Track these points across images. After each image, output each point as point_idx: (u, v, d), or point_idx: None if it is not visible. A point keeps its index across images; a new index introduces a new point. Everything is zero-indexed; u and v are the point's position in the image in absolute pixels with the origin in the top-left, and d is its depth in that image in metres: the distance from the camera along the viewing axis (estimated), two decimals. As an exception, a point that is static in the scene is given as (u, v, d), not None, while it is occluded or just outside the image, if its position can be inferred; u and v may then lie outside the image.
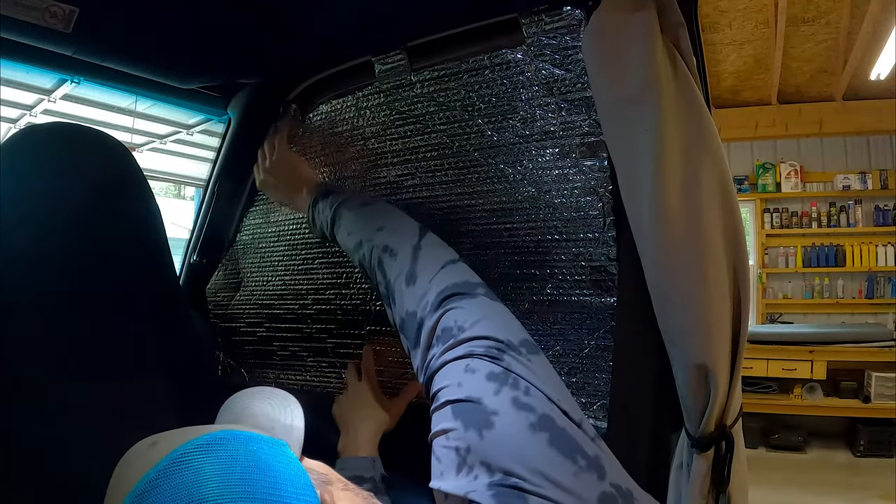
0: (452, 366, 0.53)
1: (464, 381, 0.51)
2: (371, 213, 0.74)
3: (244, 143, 1.10)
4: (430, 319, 0.58)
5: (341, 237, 0.76)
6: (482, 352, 0.52)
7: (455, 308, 0.57)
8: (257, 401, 0.53)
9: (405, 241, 0.66)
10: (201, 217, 1.14)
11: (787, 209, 4.40)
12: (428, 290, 0.60)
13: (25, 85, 2.60)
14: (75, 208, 0.79)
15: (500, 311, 0.58)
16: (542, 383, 0.50)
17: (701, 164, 0.59)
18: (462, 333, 0.54)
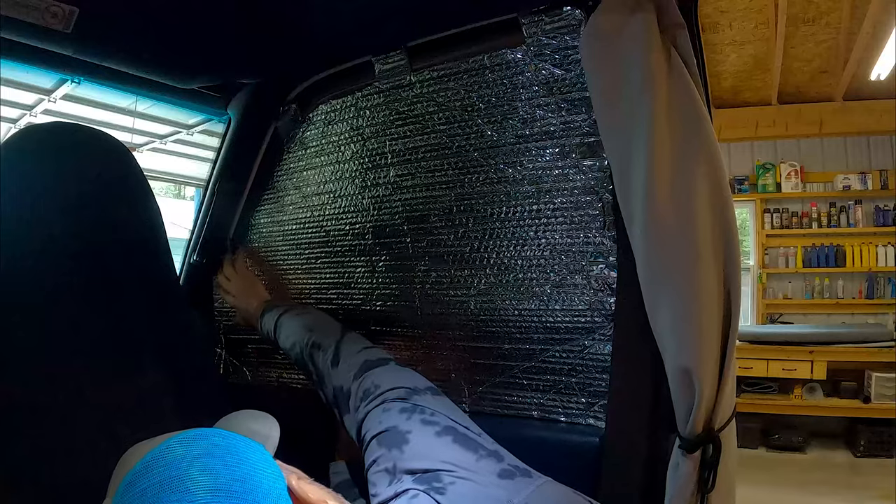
0: (374, 412, 0.66)
1: (383, 418, 0.64)
2: (303, 320, 0.91)
3: (244, 143, 1.10)
4: (354, 386, 0.73)
5: (282, 341, 0.93)
6: (395, 396, 0.66)
7: (371, 374, 0.72)
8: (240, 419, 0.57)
9: (330, 338, 0.84)
10: (201, 217, 1.14)
11: (788, 209, 4.40)
12: (350, 367, 0.76)
13: (25, 85, 2.60)
14: (75, 208, 0.79)
15: (407, 372, 0.74)
16: (446, 410, 0.63)
17: (694, 167, 0.59)
18: (378, 389, 0.69)
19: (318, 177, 1.04)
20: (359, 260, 1.00)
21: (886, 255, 4.13)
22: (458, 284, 0.88)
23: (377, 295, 0.98)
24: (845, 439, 3.68)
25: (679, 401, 0.60)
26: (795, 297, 4.38)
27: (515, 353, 0.83)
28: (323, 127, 1.02)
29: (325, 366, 0.80)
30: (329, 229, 1.03)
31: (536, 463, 0.78)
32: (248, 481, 0.39)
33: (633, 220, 0.63)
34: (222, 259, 1.12)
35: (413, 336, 0.93)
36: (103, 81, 0.97)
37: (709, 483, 0.60)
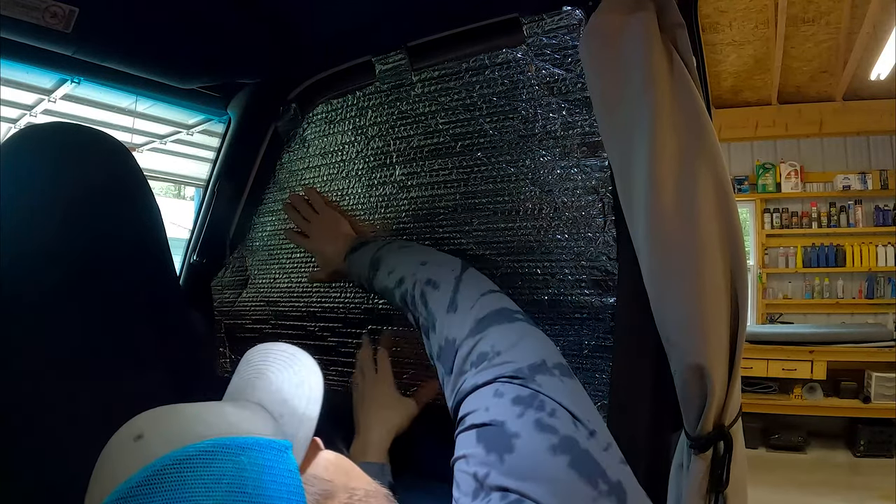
0: (483, 391, 0.52)
1: (490, 405, 0.50)
2: (412, 252, 0.76)
3: (244, 143, 1.10)
4: (468, 345, 0.57)
5: (381, 278, 0.76)
6: (512, 373, 0.51)
7: (492, 333, 0.57)
8: (276, 370, 0.49)
9: (447, 274, 0.66)
10: (201, 217, 1.14)
11: (787, 209, 4.40)
12: (467, 317, 0.60)
13: (25, 85, 2.61)
14: (75, 208, 0.79)
15: (537, 336, 0.58)
16: (571, 404, 0.49)
17: (697, 166, 0.59)
18: (497, 357, 0.54)
19: (319, 176, 1.04)
20: (360, 259, 0.99)
21: (886, 255, 4.14)
22: None
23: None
24: (845, 439, 3.69)
25: (689, 399, 0.60)
26: (795, 297, 4.39)
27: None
28: (324, 126, 1.02)
29: (438, 309, 0.64)
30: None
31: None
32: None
33: (635, 220, 0.62)
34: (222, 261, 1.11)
35: (415, 335, 0.93)
36: (103, 81, 0.97)
37: (723, 480, 0.60)
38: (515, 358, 0.53)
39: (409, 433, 0.84)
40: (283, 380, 0.48)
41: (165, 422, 0.40)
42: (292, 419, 0.44)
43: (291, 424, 0.44)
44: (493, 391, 0.51)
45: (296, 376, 0.48)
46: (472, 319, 0.59)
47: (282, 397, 0.46)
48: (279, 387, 0.47)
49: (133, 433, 0.39)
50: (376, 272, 0.77)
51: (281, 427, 0.43)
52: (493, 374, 0.52)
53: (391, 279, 0.73)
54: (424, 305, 0.66)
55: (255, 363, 0.52)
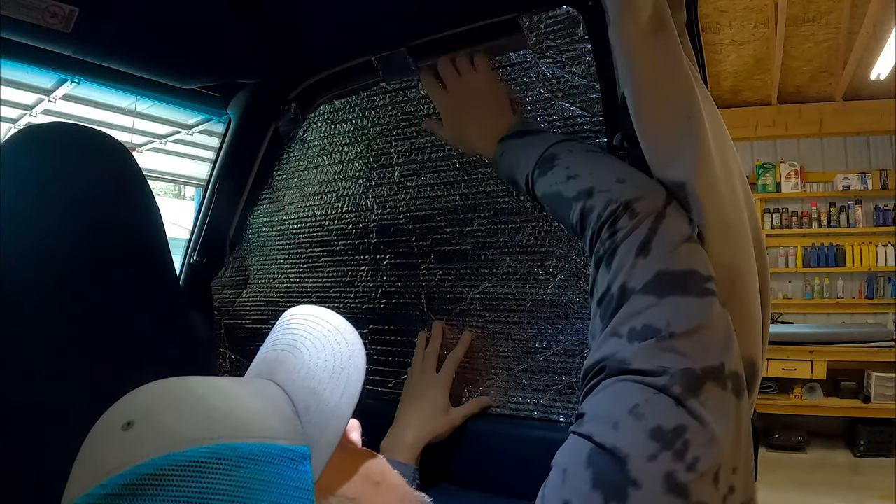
0: (625, 388, 0.41)
1: (622, 423, 0.39)
2: (606, 161, 0.59)
3: (244, 143, 1.10)
4: (637, 304, 0.45)
5: (552, 181, 0.59)
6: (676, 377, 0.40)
7: (672, 303, 0.44)
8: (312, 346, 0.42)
9: (650, 204, 0.50)
10: (201, 217, 1.14)
11: (787, 209, 4.40)
12: (651, 268, 0.47)
13: (25, 85, 2.61)
14: (75, 208, 0.79)
15: (723, 323, 0.45)
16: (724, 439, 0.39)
17: (728, 160, 0.57)
18: (665, 341, 0.42)
19: (320, 176, 1.04)
20: (362, 259, 1.00)
21: (886, 255, 4.14)
22: (462, 283, 0.88)
23: (381, 293, 0.98)
24: (845, 439, 3.69)
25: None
26: (795, 297, 4.39)
27: (516, 352, 0.83)
28: (325, 127, 1.02)
29: (626, 246, 0.49)
30: (332, 228, 1.03)
31: (536, 463, 0.78)
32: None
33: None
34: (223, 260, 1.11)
35: (416, 335, 0.93)
36: (103, 81, 0.97)
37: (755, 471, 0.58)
38: (688, 352, 0.41)
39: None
40: (318, 363, 0.40)
41: (161, 410, 0.35)
42: (320, 416, 0.37)
43: (317, 423, 0.37)
44: (632, 403, 0.40)
45: (333, 360, 0.40)
46: (655, 273, 0.46)
47: (312, 385, 0.39)
48: (311, 371, 0.40)
49: (123, 418, 0.35)
50: (548, 171, 0.60)
51: (302, 426, 0.37)
52: (652, 360, 0.41)
53: (570, 187, 0.56)
54: (611, 235, 0.50)
55: (292, 330, 0.45)
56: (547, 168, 0.61)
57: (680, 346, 0.42)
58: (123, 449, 0.33)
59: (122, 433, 0.34)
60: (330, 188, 1.03)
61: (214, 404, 0.36)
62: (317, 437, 0.36)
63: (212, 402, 0.36)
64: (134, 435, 0.34)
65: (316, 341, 0.42)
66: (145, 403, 0.36)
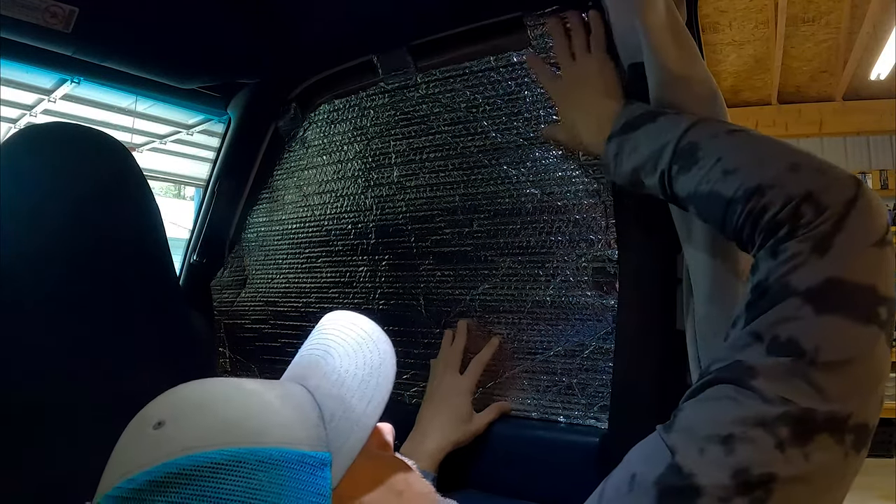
0: (730, 408, 0.36)
1: (710, 451, 0.35)
2: (767, 145, 0.48)
3: (244, 143, 1.10)
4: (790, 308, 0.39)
5: (702, 177, 0.48)
6: (783, 419, 0.35)
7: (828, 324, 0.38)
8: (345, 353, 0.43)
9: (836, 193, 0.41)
10: (201, 217, 1.14)
11: (787, 209, 4.40)
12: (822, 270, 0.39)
13: (25, 85, 2.61)
14: (75, 208, 0.79)
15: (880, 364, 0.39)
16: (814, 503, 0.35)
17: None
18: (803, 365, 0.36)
19: (319, 176, 1.04)
20: (361, 259, 0.99)
21: (886, 255, 4.13)
22: (461, 284, 0.88)
23: (379, 294, 0.98)
24: (845, 439, 3.68)
25: None
26: (795, 297, 4.38)
27: (516, 353, 0.83)
28: (325, 126, 1.02)
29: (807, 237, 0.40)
30: (330, 228, 1.03)
31: (536, 463, 0.78)
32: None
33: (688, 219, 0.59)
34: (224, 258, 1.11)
35: (415, 335, 0.93)
36: (103, 81, 0.97)
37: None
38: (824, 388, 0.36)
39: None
40: (348, 370, 0.41)
41: (190, 413, 0.37)
42: (345, 423, 0.38)
43: (342, 430, 0.37)
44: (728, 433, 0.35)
45: (363, 368, 0.41)
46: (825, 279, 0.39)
47: (340, 393, 0.39)
48: (341, 377, 0.40)
49: (155, 418, 0.37)
50: (692, 166, 0.49)
51: (327, 432, 0.37)
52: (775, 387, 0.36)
53: (729, 184, 0.46)
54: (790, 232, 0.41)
55: (327, 335, 0.46)
56: (690, 162, 0.50)
57: (816, 379, 0.36)
58: (152, 447, 0.35)
59: (152, 432, 0.36)
60: (329, 188, 1.03)
61: (240, 408, 0.37)
62: (340, 444, 0.37)
63: (238, 405, 0.38)
64: (163, 434, 0.35)
65: (349, 347, 0.43)
66: (176, 404, 0.38)
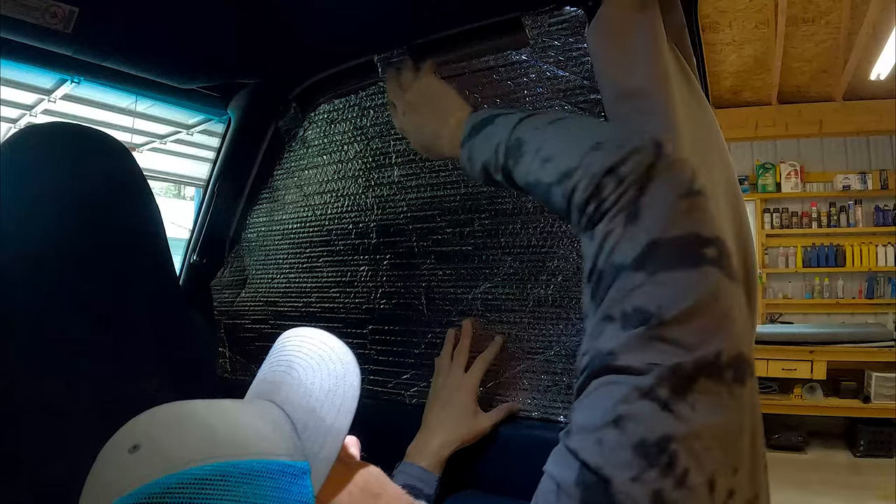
0: (610, 391, 0.38)
1: (606, 439, 0.36)
2: (577, 129, 0.52)
3: (244, 143, 1.10)
4: (628, 281, 0.40)
5: (528, 168, 0.53)
6: (657, 382, 0.36)
7: (662, 282, 0.39)
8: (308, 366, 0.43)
9: (633, 165, 0.44)
10: (201, 217, 1.14)
11: (787, 209, 4.40)
12: (641, 237, 0.41)
13: (25, 85, 2.61)
14: (75, 208, 0.79)
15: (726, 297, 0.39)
16: (720, 442, 0.36)
17: (709, 161, 0.59)
18: (654, 327, 0.38)
19: (319, 176, 1.04)
20: (362, 259, 0.99)
21: (886, 255, 4.14)
22: (462, 284, 0.88)
23: (381, 294, 0.98)
24: (845, 439, 3.69)
25: None
26: (795, 297, 4.39)
27: (516, 352, 0.83)
28: (325, 126, 1.02)
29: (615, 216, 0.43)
30: (331, 228, 1.03)
31: (536, 463, 0.78)
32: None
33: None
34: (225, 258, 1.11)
35: (417, 335, 0.93)
36: (103, 81, 0.97)
37: None
38: (681, 340, 0.37)
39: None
40: (314, 381, 0.42)
41: (165, 433, 0.37)
42: (317, 432, 0.39)
43: (315, 440, 0.38)
44: (615, 414, 0.37)
45: (329, 379, 0.42)
46: (647, 244, 0.40)
47: (309, 405, 0.40)
48: (308, 390, 0.41)
49: (129, 442, 0.36)
50: (520, 159, 0.53)
51: (302, 442, 0.38)
52: (638, 357, 0.37)
53: (548, 171, 0.50)
54: (598, 206, 0.45)
55: (287, 352, 0.46)
56: (518, 155, 0.54)
57: (671, 334, 0.37)
58: (130, 471, 0.34)
59: (128, 456, 0.36)
60: (330, 188, 1.03)
61: (216, 425, 0.38)
62: (315, 453, 0.38)
63: (213, 422, 0.38)
64: (140, 457, 0.35)
65: (311, 361, 0.44)
66: (149, 427, 0.38)
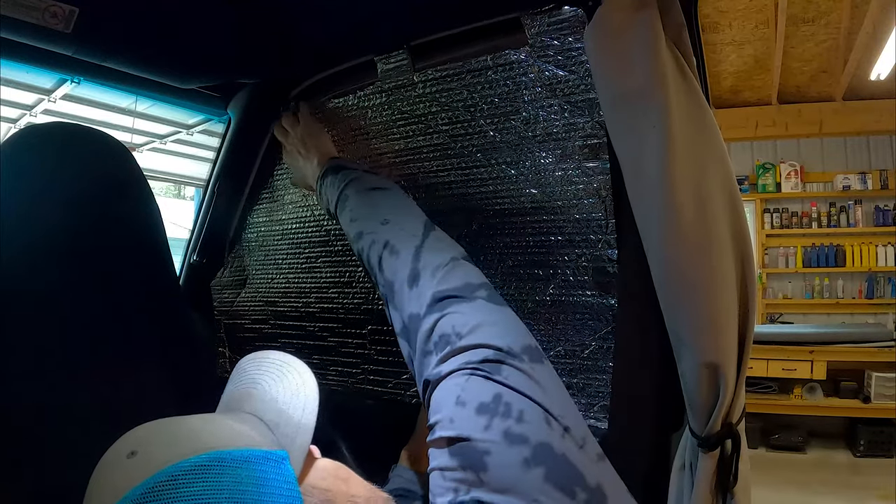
0: (447, 387, 0.48)
1: (455, 416, 0.46)
2: (377, 203, 0.69)
3: (244, 143, 1.10)
4: (428, 322, 0.54)
5: (344, 221, 0.71)
6: (477, 364, 0.48)
7: (452, 312, 0.53)
8: (270, 379, 0.49)
9: (408, 239, 0.61)
10: (201, 217, 1.14)
11: (787, 209, 4.40)
12: (427, 291, 0.55)
13: (25, 85, 2.61)
14: (75, 208, 0.79)
15: (502, 316, 0.54)
16: (542, 396, 0.46)
17: (706, 163, 0.59)
18: (459, 341, 0.50)
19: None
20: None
21: (886, 255, 4.14)
22: None
23: (379, 294, 0.98)
24: (845, 439, 3.68)
25: (701, 398, 0.60)
26: (795, 297, 4.39)
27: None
28: (324, 126, 1.02)
29: (399, 282, 0.59)
30: (330, 228, 1.03)
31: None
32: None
33: (647, 217, 0.61)
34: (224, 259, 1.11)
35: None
36: (103, 81, 0.97)
37: (730, 478, 0.61)
38: (479, 341, 0.49)
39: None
40: (278, 390, 0.48)
41: (159, 437, 0.40)
42: (288, 428, 0.45)
43: (287, 434, 0.44)
44: (455, 395, 0.47)
45: (290, 386, 0.48)
46: (432, 295, 0.55)
47: (277, 407, 0.46)
48: (274, 396, 0.47)
49: (126, 449, 0.39)
50: (341, 212, 0.72)
51: (277, 437, 0.43)
52: (456, 362, 0.49)
53: (352, 228, 0.68)
54: (381, 272, 0.61)
55: (248, 372, 0.52)
56: (341, 208, 0.72)
57: (469, 341, 0.50)
58: (133, 471, 0.37)
59: (127, 461, 0.38)
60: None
61: (203, 427, 0.42)
62: (289, 445, 0.43)
63: (201, 425, 0.42)
64: (139, 460, 0.38)
65: (272, 375, 0.50)
66: (144, 436, 0.41)
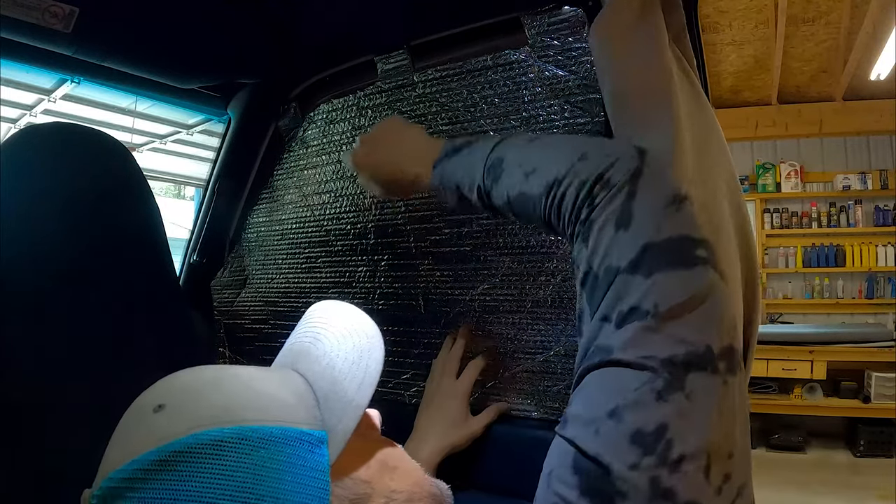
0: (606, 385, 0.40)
1: (604, 429, 0.37)
2: (559, 143, 0.55)
3: (244, 143, 1.10)
4: (623, 283, 0.42)
5: (510, 183, 0.54)
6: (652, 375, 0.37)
7: (658, 281, 0.40)
8: (334, 338, 0.44)
9: (621, 171, 0.46)
10: (201, 217, 1.14)
11: (787, 209, 4.40)
12: (636, 240, 0.42)
13: (25, 85, 2.61)
14: (75, 208, 0.79)
15: (717, 293, 0.41)
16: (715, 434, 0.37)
17: (711, 162, 0.59)
18: (650, 323, 0.39)
19: (319, 176, 1.04)
20: (360, 259, 1.00)
21: (886, 255, 4.14)
22: (460, 284, 0.88)
23: (379, 294, 0.98)
24: (845, 439, 3.69)
25: None
26: (795, 297, 4.39)
27: (516, 353, 0.83)
28: (324, 126, 1.02)
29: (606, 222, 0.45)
30: (330, 228, 1.03)
31: (536, 463, 0.78)
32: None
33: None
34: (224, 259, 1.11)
35: (415, 335, 0.93)
36: (103, 81, 0.97)
37: None
38: (676, 335, 0.38)
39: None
40: (338, 354, 0.42)
41: (190, 395, 0.38)
42: (338, 403, 0.39)
43: (335, 410, 0.39)
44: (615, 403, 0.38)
45: (353, 352, 0.42)
46: (640, 245, 0.42)
47: (332, 376, 0.41)
48: (332, 362, 0.42)
49: (155, 401, 0.37)
50: (501, 176, 0.55)
51: (321, 413, 0.39)
52: (634, 352, 0.39)
53: (532, 184, 0.52)
54: (589, 213, 0.46)
55: (315, 324, 0.47)
56: (498, 174, 0.56)
57: (665, 329, 0.39)
58: (155, 429, 0.36)
59: (153, 415, 0.37)
60: (329, 188, 1.03)
61: (238, 390, 0.39)
62: (334, 424, 0.38)
63: (236, 387, 0.39)
64: (164, 416, 0.36)
65: (337, 333, 0.44)
66: (174, 389, 0.39)
